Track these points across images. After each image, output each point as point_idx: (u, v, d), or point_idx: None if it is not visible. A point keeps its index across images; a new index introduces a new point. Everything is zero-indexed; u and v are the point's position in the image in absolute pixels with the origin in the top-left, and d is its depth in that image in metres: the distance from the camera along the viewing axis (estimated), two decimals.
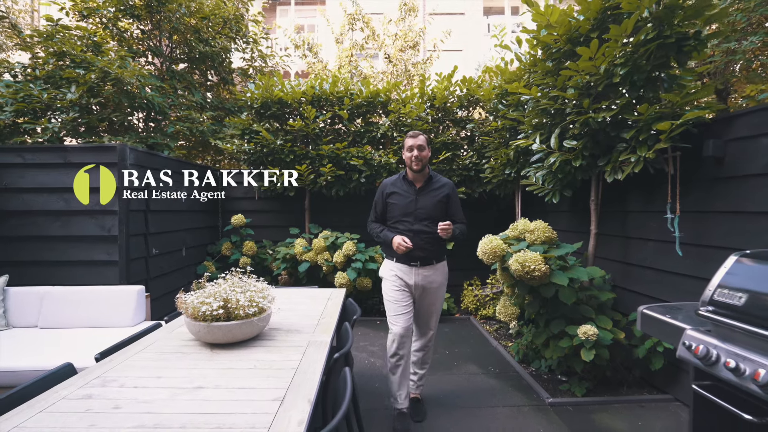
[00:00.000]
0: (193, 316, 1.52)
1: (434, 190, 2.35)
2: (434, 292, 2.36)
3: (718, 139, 2.23)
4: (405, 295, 2.31)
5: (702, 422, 1.53)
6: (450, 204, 2.38)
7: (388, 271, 2.38)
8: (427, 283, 2.32)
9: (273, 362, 1.42)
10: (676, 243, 2.41)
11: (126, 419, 1.03)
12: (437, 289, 2.38)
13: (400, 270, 2.32)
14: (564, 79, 2.79)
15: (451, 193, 2.39)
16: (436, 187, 2.36)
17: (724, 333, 1.44)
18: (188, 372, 1.33)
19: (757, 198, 2.03)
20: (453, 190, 2.41)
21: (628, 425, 2.27)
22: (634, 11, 2.29)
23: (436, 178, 2.42)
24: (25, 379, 2.11)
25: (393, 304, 2.32)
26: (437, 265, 2.36)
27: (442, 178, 2.43)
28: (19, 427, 0.99)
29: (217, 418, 1.03)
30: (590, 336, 2.37)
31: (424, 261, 2.30)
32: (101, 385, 1.23)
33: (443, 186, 2.38)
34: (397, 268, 2.33)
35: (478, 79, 4.78)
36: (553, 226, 4.18)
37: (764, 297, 1.35)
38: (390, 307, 2.34)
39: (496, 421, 2.34)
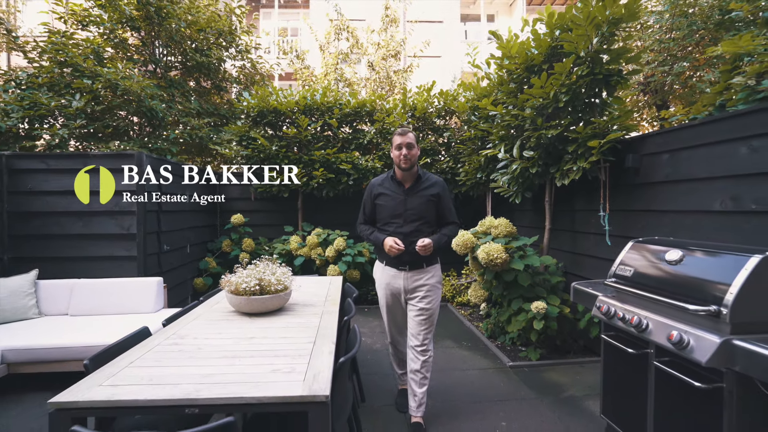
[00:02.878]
0: (235, 292, 2.01)
1: (423, 190, 2.24)
2: (425, 296, 2.22)
3: (636, 153, 2.86)
4: (396, 300, 2.32)
5: (609, 360, 2.14)
6: (440, 203, 2.27)
7: (379, 275, 2.36)
8: (417, 287, 2.22)
9: (299, 323, 1.92)
10: (606, 235, 3.04)
11: (211, 353, 1.52)
12: (429, 293, 2.23)
13: (388, 275, 2.27)
14: (523, 101, 3.39)
15: (442, 192, 2.27)
16: (425, 186, 2.25)
17: (621, 296, 2.05)
18: (239, 330, 1.82)
19: (660, 199, 2.67)
20: (444, 188, 2.30)
21: (569, 379, 2.88)
22: (573, 51, 2.89)
23: (425, 176, 2.29)
24: (71, 353, 2.58)
25: (385, 309, 2.40)
26: (428, 269, 2.24)
27: (432, 176, 2.32)
28: (141, 358, 1.46)
29: (274, 351, 1.54)
30: (540, 310, 2.97)
31: (414, 264, 2.21)
32: (180, 338, 1.70)
33: (433, 185, 2.27)
34: (386, 272, 2.28)
35: (454, 92, 5.37)
36: (518, 222, 4.83)
37: (643, 269, 1.96)
38: (384, 312, 2.43)
39: (467, 379, 2.91)
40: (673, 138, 2.58)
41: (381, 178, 2.36)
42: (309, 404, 1.18)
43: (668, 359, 1.72)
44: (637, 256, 2.06)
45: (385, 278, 2.30)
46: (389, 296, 2.33)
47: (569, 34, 2.85)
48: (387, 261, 2.28)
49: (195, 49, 5.92)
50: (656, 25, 5.09)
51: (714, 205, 2.27)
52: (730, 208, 2.17)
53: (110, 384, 1.25)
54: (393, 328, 2.46)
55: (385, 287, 2.32)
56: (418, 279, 2.22)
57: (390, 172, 2.34)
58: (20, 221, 3.57)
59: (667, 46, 4.92)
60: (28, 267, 3.41)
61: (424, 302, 2.23)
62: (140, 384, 1.25)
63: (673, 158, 2.58)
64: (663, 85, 5.07)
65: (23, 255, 3.56)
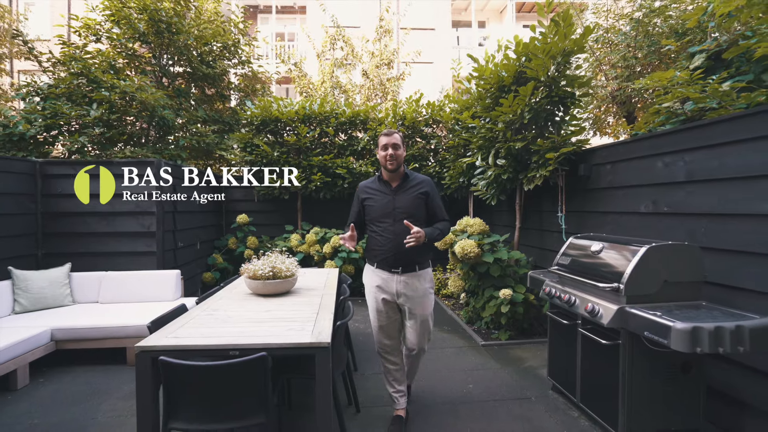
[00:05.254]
0: (253, 277, 2.50)
1: (411, 188, 2.22)
2: (419, 300, 2.20)
3: (587, 163, 3.39)
4: (388, 305, 2.24)
5: (553, 332, 2.66)
6: (429, 201, 2.24)
7: (369, 279, 2.29)
8: (410, 291, 2.18)
9: (305, 301, 2.42)
10: (563, 233, 3.57)
11: (240, 319, 2.01)
12: (422, 297, 2.21)
13: (380, 278, 2.21)
14: (496, 116, 3.90)
15: (430, 190, 2.24)
16: (413, 185, 2.23)
17: (561, 280, 2.56)
18: (257, 305, 2.31)
19: (604, 202, 3.19)
20: (432, 186, 2.27)
21: (530, 354, 3.41)
22: (535, 76, 3.41)
23: (412, 176, 2.28)
24: (108, 333, 3.07)
25: (375, 313, 2.27)
26: (421, 272, 2.21)
27: (418, 176, 2.30)
28: (188, 323, 1.95)
29: (287, 318, 2.03)
30: (507, 296, 3.50)
31: (407, 267, 2.17)
32: (213, 310, 2.20)
33: (420, 183, 2.25)
34: (378, 275, 2.23)
35: (441, 103, 5.88)
36: (496, 222, 5.35)
37: (576, 258, 2.48)
38: (373, 316, 2.29)
39: (444, 354, 3.42)
40: (612, 152, 3.11)
41: (369, 181, 2.35)
42: (316, 348, 1.67)
43: (590, 327, 2.24)
44: (573, 249, 2.58)
45: (376, 281, 2.23)
46: (380, 301, 2.23)
47: (531, 63, 3.38)
48: (378, 263, 2.22)
49: (201, 61, 6.38)
50: (622, 44, 5.66)
51: (640, 207, 2.80)
52: (651, 210, 2.70)
53: (173, 336, 1.73)
54: (382, 335, 2.30)
55: (375, 291, 2.24)
56: (411, 284, 2.18)
57: (377, 174, 2.32)
58: (52, 221, 4.03)
59: (631, 63, 5.49)
60: (60, 262, 3.87)
61: (420, 309, 2.21)
62: (194, 336, 1.74)
63: (613, 168, 3.11)
64: (629, 98, 5.63)
65: (54, 251, 4.02)
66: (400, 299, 2.20)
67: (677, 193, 2.49)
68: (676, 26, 4.94)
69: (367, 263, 2.34)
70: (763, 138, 1.98)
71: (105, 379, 2.93)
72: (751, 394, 2.04)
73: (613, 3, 6.17)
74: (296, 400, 2.62)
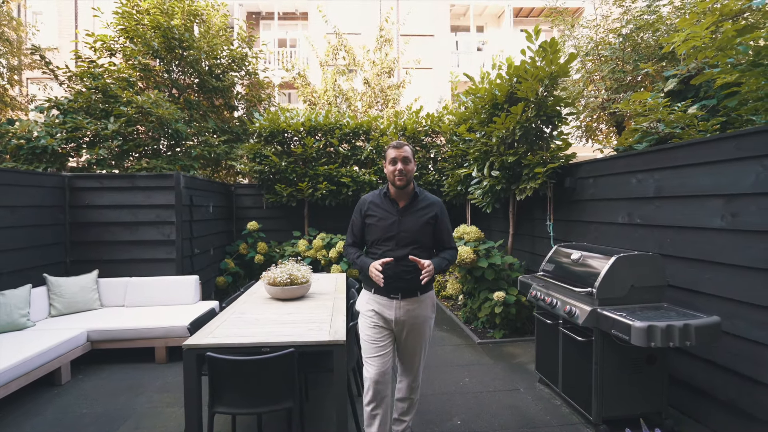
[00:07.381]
0: (272, 283, 2.82)
1: (420, 210, 2.03)
2: (419, 329, 2.02)
3: (572, 177, 3.71)
4: (383, 334, 2.01)
5: (539, 331, 2.98)
6: (438, 225, 2.06)
7: (365, 304, 2.08)
8: (410, 318, 1.99)
9: (319, 305, 2.74)
10: (551, 239, 3.89)
11: (266, 321, 2.33)
12: (422, 325, 2.03)
13: (378, 303, 2.01)
14: (490, 131, 4.22)
15: (440, 214, 2.07)
16: (422, 206, 2.05)
17: (546, 284, 2.88)
18: (278, 309, 2.63)
19: (588, 213, 3.51)
20: (442, 209, 2.10)
21: (522, 351, 3.73)
22: (525, 96, 3.73)
23: (422, 195, 2.09)
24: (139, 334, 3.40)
25: (368, 343, 2.01)
26: (422, 297, 2.02)
27: (429, 196, 2.11)
28: (222, 324, 2.27)
29: (306, 320, 2.35)
30: (500, 298, 3.82)
31: (407, 293, 1.98)
32: (241, 313, 2.52)
33: (431, 205, 2.06)
34: (375, 301, 2.02)
35: (439, 114, 6.21)
36: (493, 228, 5.67)
37: (559, 265, 2.80)
38: (365, 346, 2.02)
39: (443, 351, 3.75)
40: (595, 167, 3.43)
41: (373, 195, 2.13)
42: (333, 345, 1.99)
43: (569, 326, 2.57)
44: (557, 256, 2.90)
45: (372, 306, 2.03)
46: (374, 329, 2.01)
47: (521, 85, 3.70)
48: (376, 289, 2.02)
49: (210, 74, 6.70)
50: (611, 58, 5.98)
51: (618, 218, 3.12)
52: (627, 221, 3.02)
53: (212, 336, 2.06)
54: (374, 369, 1.97)
55: (371, 317, 2.03)
56: (412, 310, 1.99)
57: (383, 188, 2.11)
58: (79, 230, 4.35)
59: (620, 76, 5.81)
60: (87, 269, 4.20)
61: (418, 335, 2.03)
62: (230, 336, 2.06)
63: (595, 182, 3.43)
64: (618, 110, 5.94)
65: (81, 258, 4.34)
66: (397, 326, 2.00)
67: (648, 207, 2.81)
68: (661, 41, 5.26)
69: (363, 288, 2.13)
70: (710, 163, 2.31)
71: (137, 375, 3.25)
72: (709, 383, 2.36)
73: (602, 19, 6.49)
74: (312, 393, 2.94)
